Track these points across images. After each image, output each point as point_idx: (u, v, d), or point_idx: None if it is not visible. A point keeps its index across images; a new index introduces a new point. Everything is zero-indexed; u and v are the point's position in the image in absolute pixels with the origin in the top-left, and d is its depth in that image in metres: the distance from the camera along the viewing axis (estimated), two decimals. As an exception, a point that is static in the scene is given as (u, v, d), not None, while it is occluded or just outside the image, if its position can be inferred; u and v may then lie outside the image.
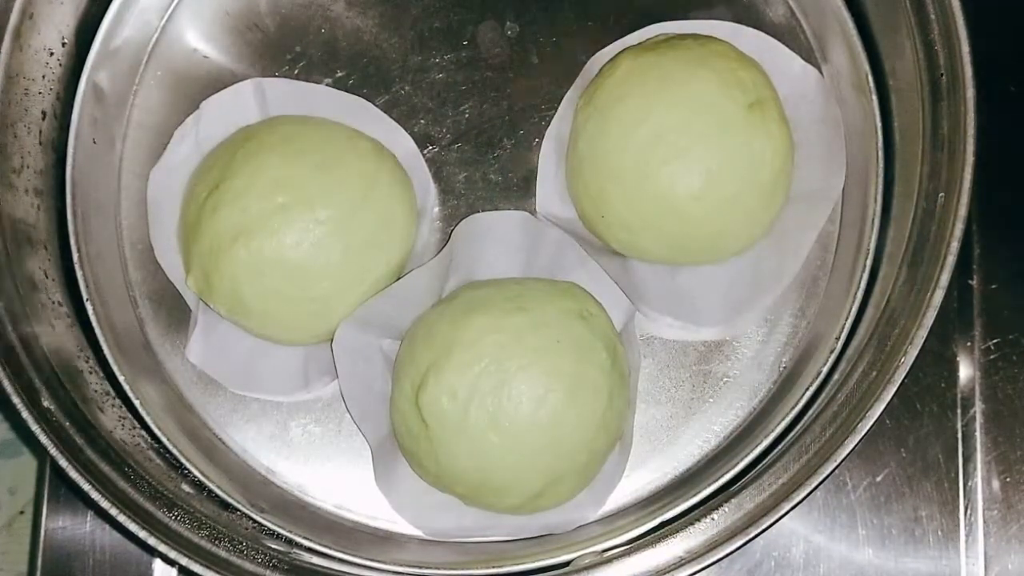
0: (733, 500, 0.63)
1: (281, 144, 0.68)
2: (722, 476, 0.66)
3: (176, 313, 0.73)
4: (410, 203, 0.70)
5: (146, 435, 0.69)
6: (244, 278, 0.67)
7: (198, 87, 0.75)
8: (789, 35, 0.74)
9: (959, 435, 0.72)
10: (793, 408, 0.67)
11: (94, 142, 0.74)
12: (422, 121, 0.74)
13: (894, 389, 0.61)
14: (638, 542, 0.65)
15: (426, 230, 0.72)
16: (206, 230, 0.67)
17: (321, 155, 0.68)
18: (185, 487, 0.67)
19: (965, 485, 0.72)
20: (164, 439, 0.69)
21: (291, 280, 0.67)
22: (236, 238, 0.66)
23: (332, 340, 0.68)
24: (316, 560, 0.66)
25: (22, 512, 0.88)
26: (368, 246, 0.68)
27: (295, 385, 0.71)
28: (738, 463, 0.66)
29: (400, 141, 0.72)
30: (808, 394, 0.67)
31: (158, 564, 0.73)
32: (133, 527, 0.61)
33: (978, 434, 0.73)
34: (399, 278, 0.69)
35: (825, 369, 0.67)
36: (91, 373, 0.69)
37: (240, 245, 0.66)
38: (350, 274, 0.68)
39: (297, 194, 0.66)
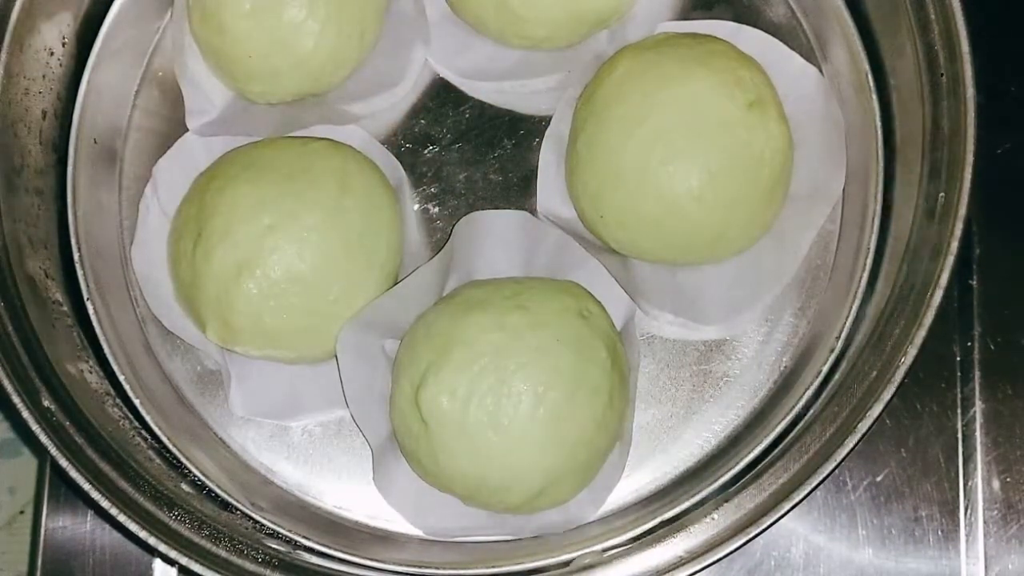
0: (733, 500, 0.63)
1: (244, 171, 0.68)
2: (722, 476, 0.66)
3: (176, 313, 0.73)
4: (384, 183, 0.70)
5: (146, 435, 0.69)
6: (261, 308, 0.66)
7: (198, 87, 0.75)
8: (789, 35, 0.74)
9: (959, 435, 0.72)
10: (793, 408, 0.67)
11: (94, 142, 0.74)
12: (422, 121, 0.74)
13: (894, 389, 0.61)
14: (638, 542, 0.65)
15: (409, 205, 0.72)
16: (207, 279, 0.67)
17: (286, 167, 0.68)
18: (185, 487, 0.67)
19: (965, 485, 0.72)
20: (164, 439, 0.69)
21: (306, 292, 0.67)
22: (239, 273, 0.66)
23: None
24: (316, 560, 0.66)
25: (22, 512, 0.88)
26: (363, 234, 0.68)
27: (341, 398, 0.70)
28: (738, 463, 0.66)
29: (352, 134, 0.72)
30: (808, 394, 0.67)
31: (158, 564, 0.72)
32: (133, 527, 0.61)
33: (978, 434, 0.72)
34: (400, 258, 0.70)
35: (825, 369, 0.67)
36: (91, 373, 0.69)
37: (245, 278, 0.66)
38: (357, 266, 0.68)
39: (279, 210, 0.66)
